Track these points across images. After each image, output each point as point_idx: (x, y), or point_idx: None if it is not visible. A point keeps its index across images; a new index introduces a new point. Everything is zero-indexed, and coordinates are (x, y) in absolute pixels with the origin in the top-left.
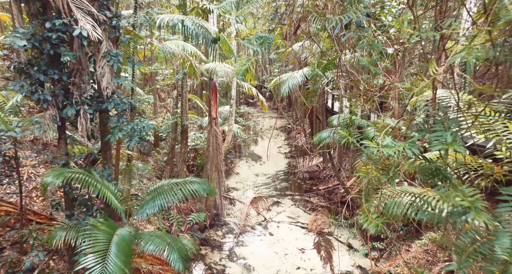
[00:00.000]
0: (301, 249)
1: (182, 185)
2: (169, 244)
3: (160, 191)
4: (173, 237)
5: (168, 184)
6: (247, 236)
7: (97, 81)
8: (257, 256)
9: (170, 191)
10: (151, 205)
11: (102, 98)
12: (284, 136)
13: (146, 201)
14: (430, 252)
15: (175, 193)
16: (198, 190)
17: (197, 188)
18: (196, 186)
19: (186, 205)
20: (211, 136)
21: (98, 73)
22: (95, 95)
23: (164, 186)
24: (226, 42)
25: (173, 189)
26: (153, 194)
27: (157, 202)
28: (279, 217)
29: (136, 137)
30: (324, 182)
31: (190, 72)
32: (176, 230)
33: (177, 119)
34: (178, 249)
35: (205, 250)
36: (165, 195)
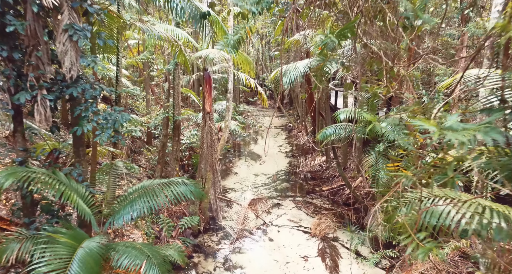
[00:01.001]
0: (304, 256)
1: (166, 187)
2: (148, 258)
3: (140, 194)
4: (154, 249)
5: (150, 186)
6: (244, 241)
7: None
8: (255, 264)
9: (151, 194)
10: (128, 210)
11: (67, 83)
12: (285, 134)
13: (123, 205)
14: (451, 262)
15: (157, 196)
16: (185, 193)
17: (183, 190)
18: (182, 188)
19: (178, 208)
20: (205, 132)
21: (59, 50)
22: (58, 78)
23: (145, 188)
24: (220, 25)
25: (155, 191)
26: (132, 198)
27: (136, 206)
28: (279, 220)
29: (109, 129)
30: (327, 183)
31: (180, 60)
32: (166, 235)
33: (169, 114)
34: (159, 263)
35: (197, 258)
36: (146, 198)
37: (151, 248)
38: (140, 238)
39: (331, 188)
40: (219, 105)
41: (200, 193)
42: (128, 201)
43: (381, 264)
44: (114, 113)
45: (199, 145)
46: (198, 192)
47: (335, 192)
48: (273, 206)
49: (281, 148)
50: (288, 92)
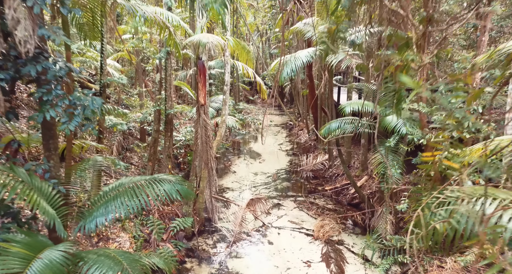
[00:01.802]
0: (306, 262)
1: (149, 185)
2: (124, 269)
3: (117, 194)
4: (132, 257)
5: (129, 184)
6: (242, 245)
7: None
8: (253, 270)
9: (130, 193)
10: (103, 212)
11: (24, 60)
12: (286, 133)
13: (96, 206)
14: (472, 271)
15: (136, 195)
16: (170, 192)
17: (168, 189)
18: (167, 186)
19: (171, 209)
20: (199, 127)
21: (9, 18)
22: (12, 54)
23: (123, 187)
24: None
25: (135, 190)
26: (107, 198)
27: (111, 208)
28: (280, 222)
29: (78, 117)
30: (330, 182)
31: (171, 44)
32: (156, 239)
33: (160, 107)
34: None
35: (190, 263)
36: (123, 198)
37: (129, 256)
38: (128, 241)
39: (334, 188)
40: (216, 102)
41: (188, 193)
42: (102, 201)
43: (391, 270)
44: (84, 97)
45: (193, 141)
46: (186, 191)
47: (339, 192)
48: (273, 207)
49: (281, 146)
50: (288, 90)
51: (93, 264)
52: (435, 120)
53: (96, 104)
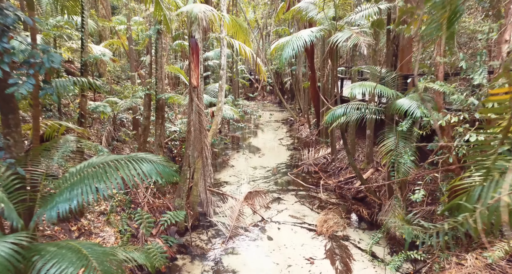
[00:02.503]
0: (309, 258)
1: (123, 165)
2: (89, 265)
3: (85, 175)
4: (103, 250)
5: (100, 163)
6: (239, 241)
7: None
8: (251, 268)
9: (100, 175)
10: (66, 198)
11: None
12: (286, 128)
13: (59, 191)
14: (497, 269)
15: (108, 177)
16: (149, 173)
17: (147, 170)
18: (146, 167)
19: (162, 202)
20: (191, 112)
21: None
22: None
23: (93, 167)
24: None
25: (107, 171)
26: (73, 181)
27: (77, 192)
28: (280, 216)
29: (31, 78)
30: (333, 176)
31: (158, 15)
32: (144, 233)
33: (150, 92)
34: (105, 271)
35: (182, 260)
36: (92, 180)
37: (98, 250)
38: (113, 236)
39: (338, 181)
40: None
41: (170, 174)
42: (67, 185)
43: (402, 268)
44: (38, 53)
45: (186, 129)
46: (169, 172)
47: (343, 186)
48: (272, 201)
49: (281, 141)
50: (289, 86)
51: (50, 258)
52: (455, 100)
53: (55, 61)
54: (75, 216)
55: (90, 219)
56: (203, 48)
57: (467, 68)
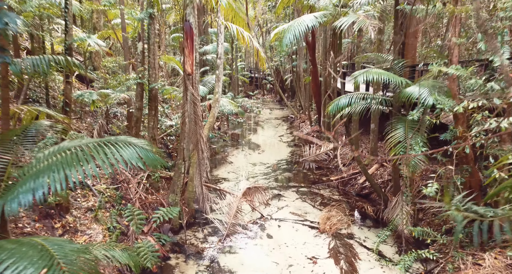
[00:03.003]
0: (311, 258)
1: (99, 150)
2: (53, 264)
3: (54, 162)
4: (73, 247)
5: (73, 148)
6: (236, 239)
7: None
8: (249, 268)
9: (70, 161)
10: (30, 187)
11: None
12: (287, 125)
13: (23, 179)
14: None
15: (80, 163)
16: (129, 158)
17: (127, 154)
18: (126, 151)
19: (155, 198)
20: (186, 102)
21: None
22: None
23: (63, 152)
24: None
25: (79, 156)
26: (39, 168)
27: (43, 180)
28: (280, 213)
29: None
30: (336, 172)
31: None
32: (135, 231)
33: (142, 81)
34: (73, 271)
35: (176, 260)
36: (61, 167)
37: (66, 247)
38: (101, 234)
39: (341, 178)
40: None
41: (154, 159)
42: (32, 172)
43: (412, 268)
44: None
45: (180, 120)
46: (152, 158)
47: (346, 182)
48: (272, 197)
49: (282, 138)
50: (290, 83)
51: (6, 258)
52: (472, 85)
53: (10, 21)
54: (60, 212)
55: (76, 215)
56: (201, 42)
57: (486, 50)
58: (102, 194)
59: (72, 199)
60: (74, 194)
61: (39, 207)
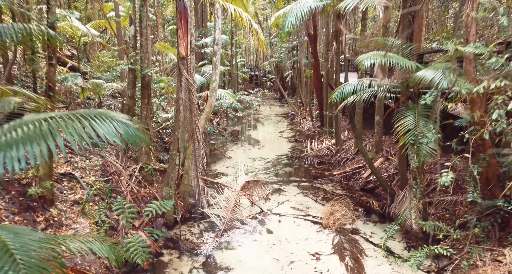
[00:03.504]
0: (314, 254)
1: (70, 124)
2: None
3: (13, 137)
4: (39, 238)
5: (37, 121)
6: (234, 234)
7: None
8: (248, 264)
9: (32, 137)
10: None
11: None
12: (287, 122)
13: None
14: None
15: (45, 139)
16: (105, 134)
17: (104, 131)
18: (103, 126)
19: (148, 191)
20: (181, 88)
21: None
22: None
23: (26, 126)
24: None
25: (43, 131)
26: None
27: None
28: (281, 208)
29: None
30: (338, 167)
31: None
32: (125, 225)
33: (135, 67)
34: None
35: (169, 256)
36: (21, 144)
37: (25, 237)
38: (88, 228)
39: (344, 172)
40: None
41: (134, 136)
42: None
43: (423, 266)
44: None
45: (175, 107)
46: (133, 134)
47: (350, 177)
48: (273, 192)
49: (282, 134)
50: (290, 80)
51: None
52: (492, 64)
53: None
54: (43, 205)
55: (61, 208)
56: (199, 35)
57: (508, 26)
58: (90, 186)
59: (57, 191)
60: (60, 186)
61: (19, 199)
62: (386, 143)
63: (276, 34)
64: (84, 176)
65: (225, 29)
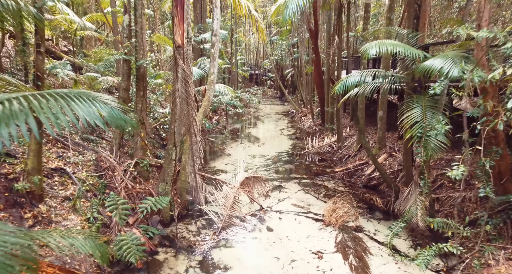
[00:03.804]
0: (316, 252)
1: (44, 103)
2: None
3: None
4: (13, 233)
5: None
6: (233, 232)
7: None
8: (246, 263)
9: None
10: None
11: None
12: (288, 119)
13: None
14: None
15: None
16: (86, 115)
17: (84, 111)
18: (82, 106)
19: (144, 187)
20: (177, 79)
21: None
22: None
23: None
24: None
25: (12, 110)
26: None
27: None
28: (281, 205)
29: None
30: (340, 164)
31: None
32: (118, 222)
33: (129, 57)
34: None
35: (164, 254)
36: None
37: None
38: (79, 226)
39: (346, 169)
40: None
41: (119, 118)
42: None
43: (431, 265)
44: None
45: (171, 99)
46: (117, 116)
47: (352, 174)
48: (273, 189)
49: (283, 131)
50: (291, 78)
51: None
52: (508, 49)
53: None
54: (31, 201)
55: (51, 205)
56: (198, 30)
57: None
58: (82, 182)
59: (47, 186)
60: (50, 182)
61: (5, 195)
62: (389, 139)
63: (276, 32)
64: (76, 171)
65: (224, 26)
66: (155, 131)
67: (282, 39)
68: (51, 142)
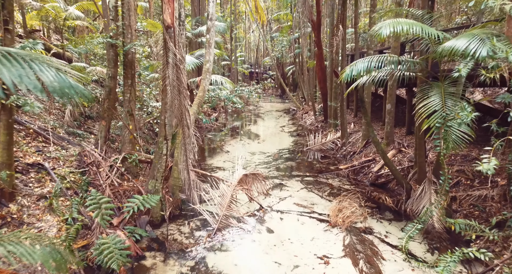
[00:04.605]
0: (322, 257)
1: None
2: None
3: None
4: None
5: None
6: (230, 234)
7: None
8: (245, 269)
9: None
10: None
11: None
12: (289, 117)
13: None
14: None
15: None
16: (15, 79)
17: (13, 74)
18: (12, 70)
19: (131, 185)
20: (167, 64)
21: None
22: None
23: None
24: None
25: None
26: None
27: None
28: (283, 204)
29: None
30: (345, 161)
31: None
32: (100, 223)
33: (115, 41)
34: None
35: (152, 259)
36: None
37: None
38: (55, 227)
39: (351, 166)
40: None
41: (67, 87)
42: None
43: (453, 271)
44: None
45: (161, 87)
46: (66, 84)
47: (358, 171)
48: (273, 187)
49: (284, 128)
50: (292, 76)
51: None
52: None
53: None
54: (0, 200)
55: (23, 204)
56: (196, 23)
57: None
58: (62, 178)
59: (21, 183)
60: (25, 178)
61: None
62: (397, 135)
63: (277, 28)
64: (56, 167)
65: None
66: (149, 126)
67: (282, 35)
68: (31, 136)
